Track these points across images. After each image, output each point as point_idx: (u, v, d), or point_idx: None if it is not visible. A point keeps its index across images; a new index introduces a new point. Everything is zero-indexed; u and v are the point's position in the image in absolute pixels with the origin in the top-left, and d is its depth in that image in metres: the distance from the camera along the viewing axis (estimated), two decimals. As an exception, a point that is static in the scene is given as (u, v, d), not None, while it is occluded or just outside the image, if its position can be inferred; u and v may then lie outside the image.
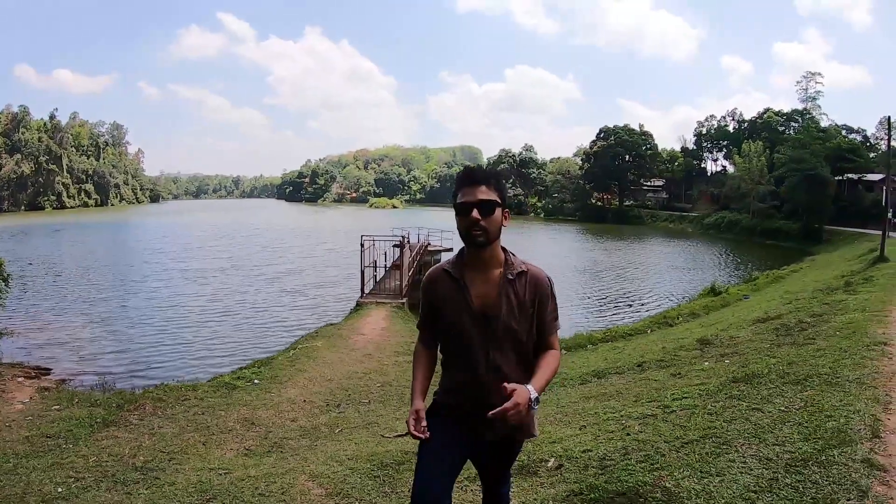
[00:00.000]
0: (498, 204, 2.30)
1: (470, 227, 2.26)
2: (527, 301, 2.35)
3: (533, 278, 2.38)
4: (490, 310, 2.33)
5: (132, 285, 23.79)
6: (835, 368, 5.42)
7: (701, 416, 4.56)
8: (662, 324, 14.41)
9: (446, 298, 2.39)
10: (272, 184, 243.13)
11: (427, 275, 2.52)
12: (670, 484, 3.34)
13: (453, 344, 2.42)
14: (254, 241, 46.00)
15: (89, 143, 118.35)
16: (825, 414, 4.16)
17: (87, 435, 6.27)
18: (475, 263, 2.38)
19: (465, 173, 2.36)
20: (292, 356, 11.11)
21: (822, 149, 49.47)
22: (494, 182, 2.33)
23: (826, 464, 3.35)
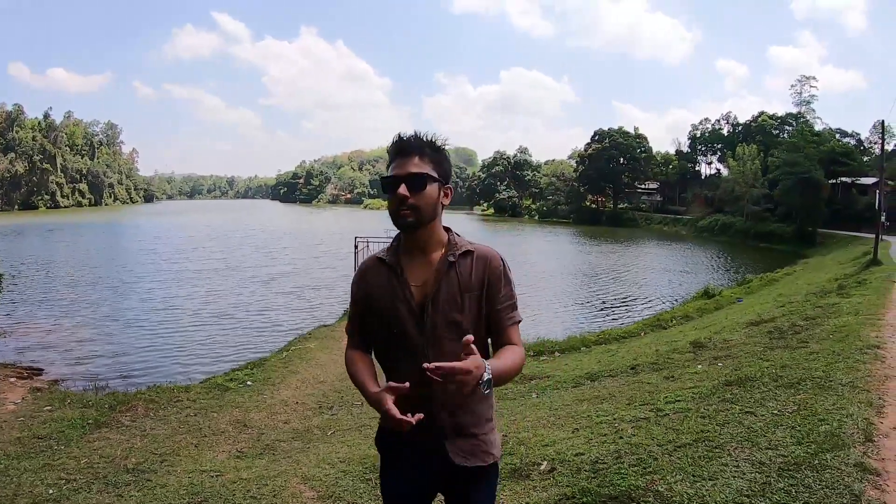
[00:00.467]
0: (432, 178, 1.95)
1: (398, 206, 1.93)
2: (473, 284, 1.97)
3: (481, 257, 2.01)
4: (428, 298, 1.96)
5: (125, 286, 23.60)
6: (828, 372, 5.44)
7: (694, 420, 4.55)
8: (656, 326, 14.43)
9: (379, 290, 2.03)
10: (267, 184, 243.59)
11: (359, 266, 2.19)
12: (662, 488, 3.33)
13: (390, 346, 2.04)
14: (248, 242, 45.79)
15: (84, 143, 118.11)
16: (818, 418, 4.17)
17: (79, 436, 6.24)
18: (412, 248, 2.03)
19: (395, 143, 2.01)
20: (285, 358, 11.10)
21: (816, 152, 49.65)
22: (430, 152, 1.98)
23: (819, 468, 3.35)
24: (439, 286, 1.95)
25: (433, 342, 1.94)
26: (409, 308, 1.96)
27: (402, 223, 1.94)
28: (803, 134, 58.08)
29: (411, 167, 1.93)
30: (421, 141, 1.98)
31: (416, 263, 2.01)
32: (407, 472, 2.07)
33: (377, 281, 2.04)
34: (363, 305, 2.09)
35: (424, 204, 1.93)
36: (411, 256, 2.02)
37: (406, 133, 2.01)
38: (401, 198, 1.90)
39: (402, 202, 1.91)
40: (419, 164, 1.94)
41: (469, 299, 1.96)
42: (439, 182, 1.97)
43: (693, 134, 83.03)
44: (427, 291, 1.96)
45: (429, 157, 1.96)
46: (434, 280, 1.97)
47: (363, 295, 2.08)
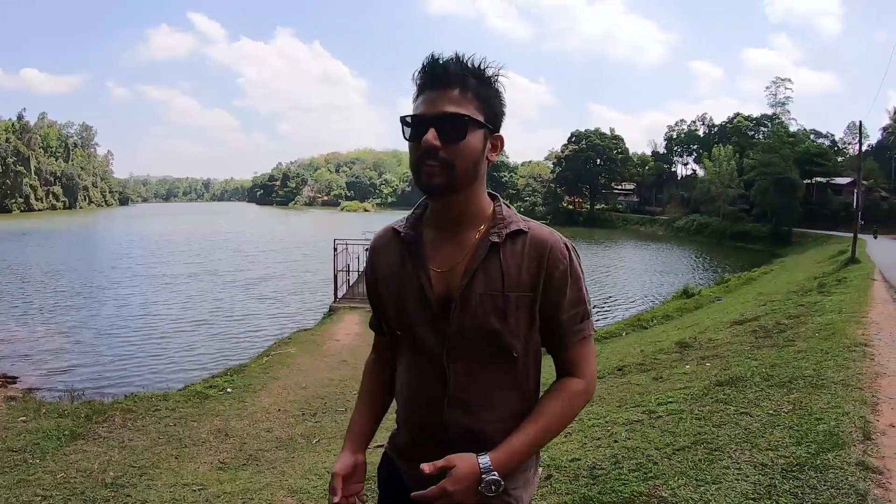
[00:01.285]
0: (477, 123, 1.34)
1: (422, 159, 1.33)
2: (524, 280, 1.37)
3: (537, 242, 1.40)
4: (456, 293, 1.38)
5: (101, 292, 23.24)
6: (818, 370, 5.40)
7: (689, 422, 4.47)
8: (637, 326, 14.46)
9: (388, 272, 1.49)
10: (243, 187, 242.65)
11: (372, 240, 1.62)
12: (666, 493, 3.23)
13: (401, 352, 1.52)
14: (225, 245, 45.39)
15: (58, 145, 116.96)
16: (815, 417, 4.11)
17: (55, 449, 6.00)
18: (441, 219, 1.45)
19: (426, 66, 1.36)
20: (265, 363, 10.91)
21: (791, 153, 50.48)
22: (476, 84, 1.36)
23: (822, 468, 3.28)
24: (473, 277, 1.37)
25: (457, 356, 1.39)
26: (422, 301, 1.41)
27: (427, 184, 1.34)
28: (778, 135, 58.94)
29: (446, 104, 1.32)
30: (464, 66, 1.35)
31: (443, 241, 1.44)
32: None
33: (386, 261, 1.51)
34: (374, 293, 1.57)
35: (462, 159, 1.34)
36: (438, 231, 1.46)
37: (442, 55, 1.36)
38: (428, 148, 1.32)
39: (429, 154, 1.32)
40: (459, 101, 1.33)
41: (516, 302, 1.37)
42: (486, 129, 1.38)
43: (669, 135, 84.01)
44: (453, 282, 1.39)
45: (473, 90, 1.35)
46: (466, 267, 1.39)
47: (372, 279, 1.56)
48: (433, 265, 1.42)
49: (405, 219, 1.53)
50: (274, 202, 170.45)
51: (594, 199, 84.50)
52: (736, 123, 73.14)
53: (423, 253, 1.44)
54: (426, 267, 1.42)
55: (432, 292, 1.40)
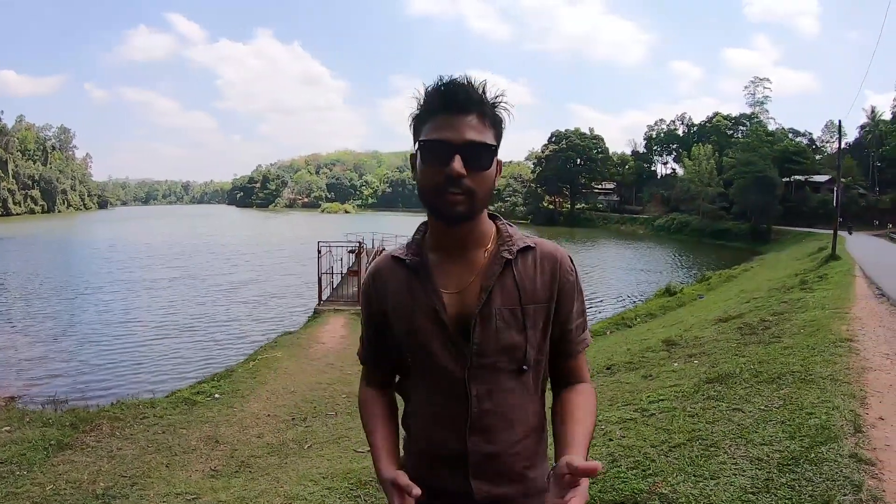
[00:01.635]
0: (495, 151, 1.35)
1: (444, 187, 1.29)
2: (540, 293, 1.39)
3: (547, 256, 1.42)
4: (474, 314, 1.35)
5: (82, 298, 22.97)
6: (806, 366, 5.47)
7: (682, 419, 4.51)
8: (621, 325, 14.57)
9: (396, 301, 1.44)
10: (223, 189, 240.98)
11: (369, 269, 1.55)
12: (667, 490, 3.26)
13: (416, 381, 1.46)
14: (207, 249, 45.01)
15: (36, 148, 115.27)
16: (806, 412, 4.17)
17: (42, 460, 5.91)
18: (446, 243, 1.42)
19: (441, 88, 1.32)
20: (252, 368, 10.84)
21: (770, 151, 51.28)
22: (491, 112, 1.35)
23: (817, 461, 3.34)
24: (491, 293, 1.36)
25: (480, 375, 1.36)
26: (438, 326, 1.37)
27: (451, 213, 1.31)
28: (757, 134, 59.81)
29: (469, 131, 1.29)
30: (479, 94, 1.32)
31: (450, 263, 1.42)
32: None
33: (395, 291, 1.45)
34: (378, 324, 1.51)
35: (484, 187, 1.32)
36: (443, 254, 1.43)
37: (455, 77, 1.33)
38: (453, 176, 1.27)
39: (453, 182, 1.28)
40: (480, 129, 1.31)
41: (534, 314, 1.38)
42: (496, 153, 1.36)
43: (649, 135, 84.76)
44: (469, 301, 1.37)
45: (490, 119, 1.34)
46: (482, 284, 1.37)
47: (377, 309, 1.49)
48: (444, 287, 1.39)
49: (404, 246, 1.50)
50: (254, 204, 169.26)
51: (574, 199, 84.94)
52: (715, 123, 73.94)
53: (432, 276, 1.40)
54: (437, 290, 1.39)
55: (447, 314, 1.37)
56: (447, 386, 1.38)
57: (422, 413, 1.45)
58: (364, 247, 21.67)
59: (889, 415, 4.18)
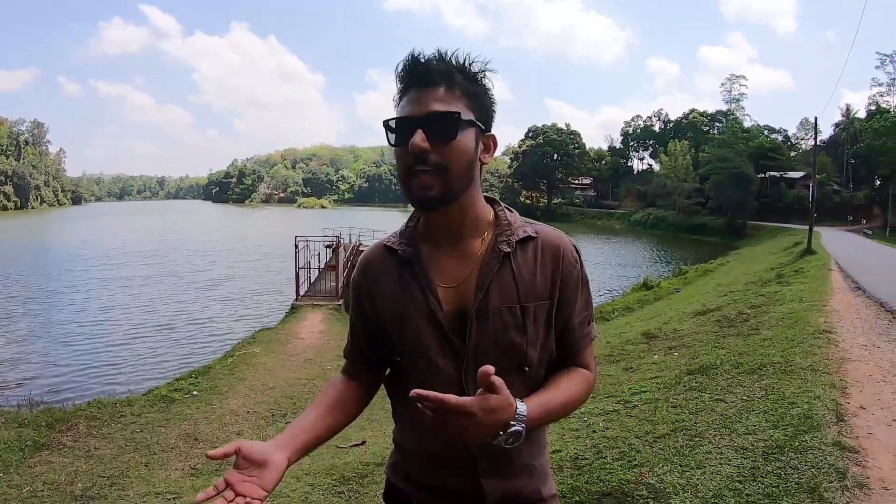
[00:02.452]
0: (467, 121, 1.21)
1: (414, 167, 1.19)
2: (540, 288, 1.27)
3: (549, 246, 1.30)
4: (470, 309, 1.25)
5: (56, 296, 22.66)
6: (786, 357, 5.52)
7: (665, 410, 4.52)
8: (599, 319, 14.53)
9: (388, 295, 1.33)
10: (198, 184, 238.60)
11: (360, 260, 1.45)
12: (653, 480, 3.26)
13: (408, 380, 1.30)
14: (182, 245, 44.50)
15: (8, 143, 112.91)
16: (788, 401, 4.20)
17: (18, 461, 5.77)
18: (439, 231, 1.32)
19: (408, 65, 1.23)
20: (230, 364, 10.71)
21: (745, 148, 51.86)
22: (463, 81, 1.23)
23: (801, 449, 3.36)
24: (488, 290, 1.25)
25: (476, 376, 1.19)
26: (433, 323, 1.27)
27: (422, 198, 1.20)
28: (733, 130, 60.38)
29: (433, 103, 1.19)
30: (449, 63, 1.22)
31: (444, 254, 1.31)
32: None
33: (384, 282, 1.34)
34: (367, 319, 1.40)
35: (456, 161, 1.19)
36: (437, 244, 1.32)
37: (423, 52, 1.23)
38: (417, 151, 1.17)
39: (419, 159, 1.18)
40: (446, 99, 1.20)
41: (534, 311, 1.27)
42: (477, 128, 1.24)
43: (625, 130, 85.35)
44: (465, 297, 1.27)
45: (461, 88, 1.22)
46: (479, 280, 1.26)
47: (367, 304, 1.38)
48: (439, 281, 1.29)
49: (396, 234, 1.38)
50: (230, 199, 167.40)
51: (551, 194, 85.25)
52: (691, 119, 74.65)
53: (426, 269, 1.30)
54: (431, 284, 1.28)
55: (442, 310, 1.27)
56: (443, 386, 1.19)
57: (419, 415, 1.21)
58: (341, 242, 21.53)
59: (869, 404, 4.24)
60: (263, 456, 1.15)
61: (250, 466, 1.13)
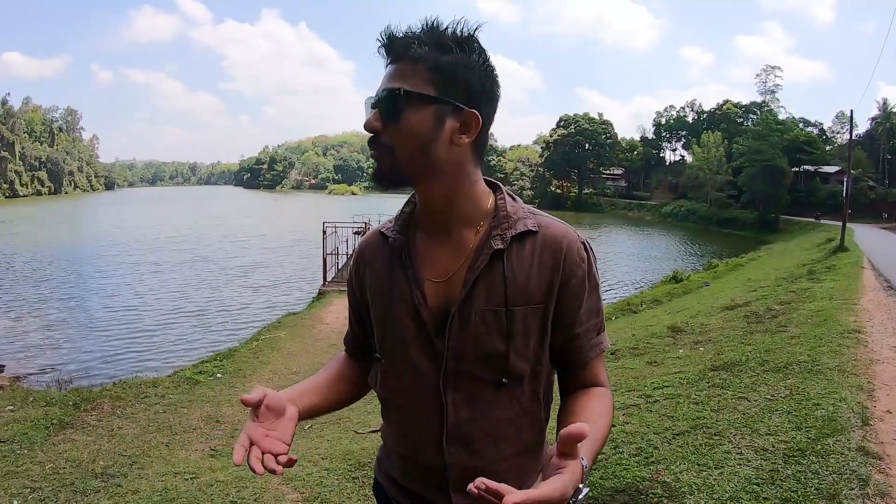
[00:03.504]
0: (420, 98, 1.09)
1: (369, 146, 1.15)
2: (533, 291, 1.15)
3: (550, 243, 1.17)
4: (453, 308, 1.16)
5: (88, 280, 23.01)
6: (813, 356, 5.40)
7: (687, 406, 4.45)
8: (626, 311, 14.50)
9: (376, 284, 1.27)
10: (230, 170, 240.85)
11: (356, 248, 1.41)
12: (669, 478, 3.21)
13: (387, 376, 1.26)
14: (214, 231, 44.88)
15: (42, 129, 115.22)
16: (812, 402, 4.11)
17: (43, 439, 5.89)
18: (429, 218, 1.22)
19: (379, 39, 1.14)
20: (255, 348, 10.84)
21: (779, 140, 50.78)
22: (428, 52, 1.09)
23: (823, 453, 3.28)
24: (473, 289, 1.15)
25: (456, 382, 1.17)
26: (416, 320, 1.19)
27: (373, 174, 1.17)
28: (767, 122, 59.23)
29: (391, 79, 1.11)
30: (414, 35, 1.11)
31: (436, 244, 1.21)
32: None
33: (375, 272, 1.28)
34: (359, 310, 1.35)
35: (402, 143, 1.11)
36: (430, 232, 1.22)
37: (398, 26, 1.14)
38: (369, 132, 1.13)
39: (371, 139, 1.14)
40: (406, 76, 1.10)
41: (524, 317, 1.15)
42: (443, 104, 1.10)
43: (658, 121, 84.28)
44: (452, 294, 1.17)
45: (425, 60, 1.09)
46: (465, 279, 1.16)
47: (359, 294, 1.33)
48: (428, 274, 1.20)
49: (393, 219, 1.30)
50: (261, 185, 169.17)
51: (582, 184, 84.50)
52: (725, 110, 73.43)
53: (416, 260, 1.21)
54: (419, 277, 1.19)
55: (426, 307, 1.18)
56: (422, 390, 1.19)
57: (395, 415, 1.29)
58: (370, 228, 21.56)
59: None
60: (282, 405, 1.11)
61: (269, 417, 1.09)
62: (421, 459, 1.23)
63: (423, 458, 1.22)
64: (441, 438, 1.18)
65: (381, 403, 1.33)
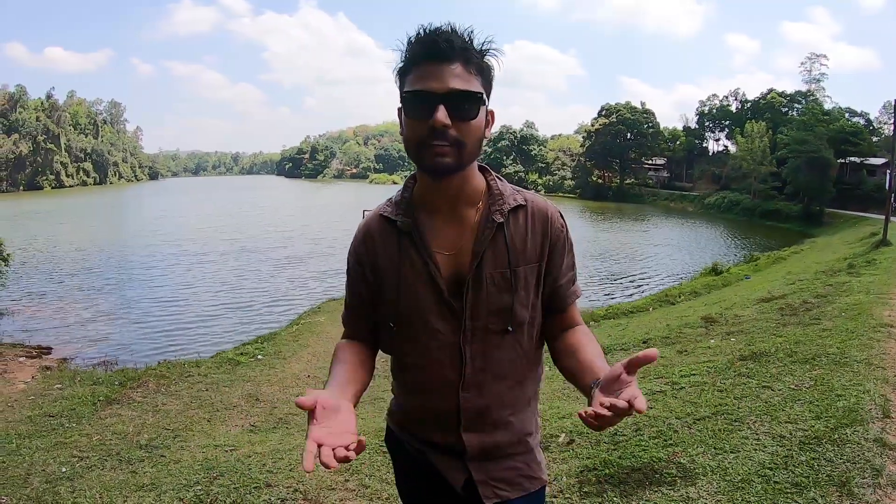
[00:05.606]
0: (482, 100, 1.29)
1: (429, 139, 1.25)
2: (530, 253, 1.40)
3: (538, 213, 1.42)
4: (467, 275, 1.37)
5: (134, 266, 23.64)
6: (842, 349, 5.41)
7: (711, 393, 4.54)
8: (664, 302, 14.46)
9: (387, 264, 1.42)
10: (271, 160, 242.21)
11: (359, 229, 1.52)
12: (685, 460, 3.32)
13: (403, 342, 1.45)
14: (257, 220, 45.41)
15: (87, 122, 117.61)
16: (835, 393, 4.15)
17: (91, 413, 6.25)
18: (435, 200, 1.39)
19: (426, 37, 1.27)
20: (295, 331, 11.15)
21: (825, 131, 49.25)
22: (477, 59, 1.29)
23: (839, 442, 3.34)
24: (482, 257, 1.36)
25: (474, 338, 1.38)
26: (434, 290, 1.37)
27: (437, 164, 1.27)
28: (813, 112, 57.53)
29: (453, 80, 1.24)
30: (464, 41, 1.27)
31: (441, 223, 1.40)
32: (424, 492, 1.56)
33: (384, 250, 1.43)
34: (364, 287, 1.49)
35: (472, 138, 1.28)
36: (434, 213, 1.40)
37: (437, 26, 1.29)
38: (438, 127, 1.23)
39: (439, 133, 1.24)
40: (465, 77, 1.26)
41: (525, 274, 1.39)
42: (485, 103, 1.31)
43: (701, 110, 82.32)
44: (462, 264, 1.37)
45: (476, 66, 1.28)
46: (474, 248, 1.37)
47: (369, 270, 1.46)
48: (437, 248, 1.38)
49: (391, 204, 1.46)
50: (303, 175, 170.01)
51: (624, 174, 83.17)
52: (769, 99, 71.55)
53: (425, 237, 1.39)
54: (430, 251, 1.38)
55: (441, 276, 1.37)
56: (440, 347, 1.39)
57: (412, 374, 1.47)
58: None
59: (921, 402, 4.14)
60: (336, 402, 1.19)
61: (327, 415, 1.16)
62: (436, 407, 1.44)
63: (437, 405, 1.44)
64: (458, 387, 1.40)
65: (395, 366, 1.53)
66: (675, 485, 3.14)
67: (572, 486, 3.35)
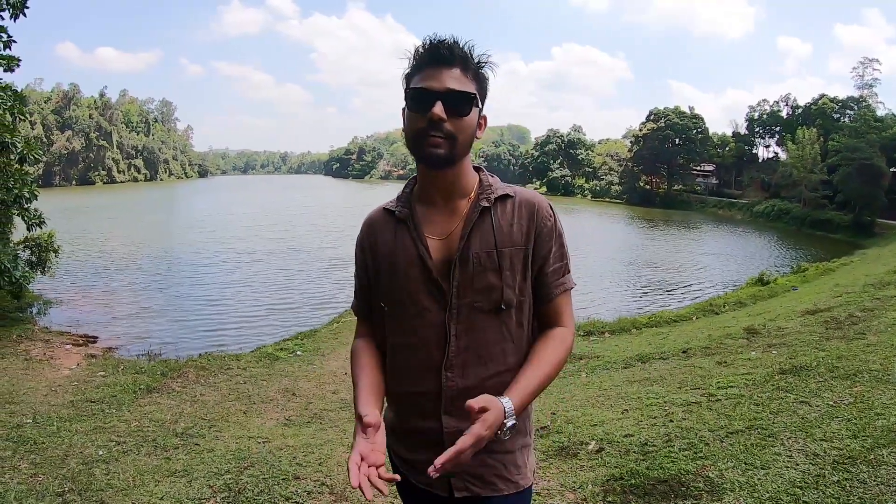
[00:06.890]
0: (475, 101, 1.47)
1: (426, 131, 1.43)
2: (515, 237, 1.51)
3: (525, 203, 1.54)
4: (455, 256, 1.49)
5: (182, 261, 24.04)
6: (885, 365, 5.25)
7: (746, 407, 4.47)
8: (708, 311, 14.19)
9: (385, 250, 1.57)
10: (319, 160, 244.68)
11: (364, 222, 1.69)
12: (713, 474, 3.29)
13: (393, 322, 1.57)
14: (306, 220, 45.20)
15: (139, 120, 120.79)
16: (875, 412, 4.04)
17: (131, 400, 6.44)
18: (431, 192, 1.56)
19: (427, 46, 1.47)
20: (335, 329, 11.28)
21: (878, 138, 47.75)
22: (475, 67, 1.49)
23: (874, 463, 3.26)
24: (468, 239, 1.49)
25: (459, 316, 1.48)
26: (424, 270, 1.50)
27: (430, 155, 1.45)
28: (865, 119, 55.80)
29: (451, 81, 1.43)
30: (463, 50, 1.47)
31: (435, 213, 1.56)
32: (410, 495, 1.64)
33: (385, 239, 1.58)
34: (365, 273, 1.64)
35: (464, 133, 1.46)
36: (429, 204, 1.57)
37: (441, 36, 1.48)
38: (434, 120, 1.41)
39: (435, 126, 1.42)
40: (462, 79, 1.45)
41: (511, 256, 1.49)
42: (479, 106, 1.51)
43: (750, 115, 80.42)
44: (452, 247, 1.50)
45: (472, 71, 1.48)
46: (462, 230, 1.50)
47: (370, 259, 1.62)
48: (430, 234, 1.53)
49: (395, 199, 1.64)
50: (350, 175, 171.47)
51: (671, 180, 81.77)
52: (820, 105, 69.51)
53: (419, 225, 1.54)
54: (423, 236, 1.53)
55: (431, 258, 1.50)
56: (427, 326, 1.50)
57: (400, 355, 1.57)
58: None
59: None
60: (379, 420, 1.42)
61: (374, 431, 1.38)
62: (418, 389, 1.53)
63: (420, 386, 1.53)
64: (440, 366, 1.49)
65: (387, 350, 1.62)
66: (700, 499, 3.12)
67: (597, 494, 3.35)
